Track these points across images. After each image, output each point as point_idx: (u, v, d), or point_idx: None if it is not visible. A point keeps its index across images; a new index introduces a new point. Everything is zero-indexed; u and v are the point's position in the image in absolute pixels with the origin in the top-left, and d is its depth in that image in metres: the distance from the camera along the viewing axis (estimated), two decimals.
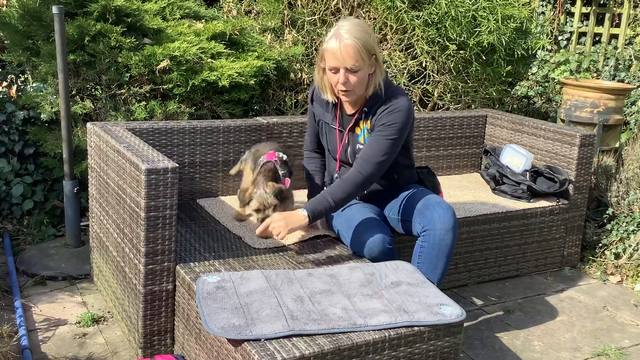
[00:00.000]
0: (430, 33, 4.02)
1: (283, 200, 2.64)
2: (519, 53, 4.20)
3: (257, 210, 2.63)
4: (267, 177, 2.68)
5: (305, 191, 3.00)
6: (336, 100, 2.61)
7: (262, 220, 2.53)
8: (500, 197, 3.62)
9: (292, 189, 2.79)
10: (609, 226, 3.87)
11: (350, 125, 2.60)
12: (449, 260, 2.58)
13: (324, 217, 2.52)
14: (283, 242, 2.67)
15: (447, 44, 4.02)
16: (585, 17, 6.36)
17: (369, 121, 2.57)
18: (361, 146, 2.58)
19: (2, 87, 3.94)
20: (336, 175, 2.71)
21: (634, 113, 5.46)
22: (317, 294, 2.20)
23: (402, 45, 4.21)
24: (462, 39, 3.98)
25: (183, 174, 3.22)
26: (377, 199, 2.77)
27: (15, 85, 3.98)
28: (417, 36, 4.09)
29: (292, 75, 4.13)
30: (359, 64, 2.39)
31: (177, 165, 2.41)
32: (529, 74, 6.03)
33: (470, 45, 4.01)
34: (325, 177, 2.88)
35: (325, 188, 2.76)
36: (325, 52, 2.44)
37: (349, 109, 2.63)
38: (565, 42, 6.42)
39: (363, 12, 4.24)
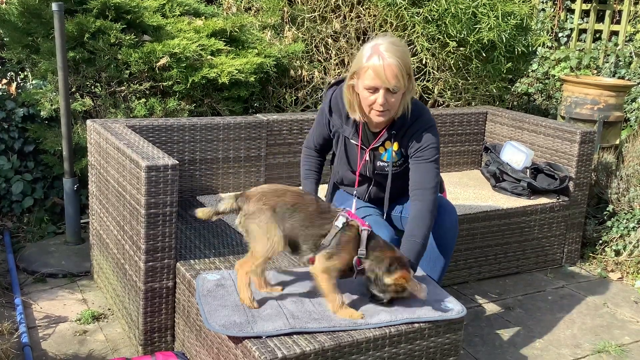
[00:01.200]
0: (430, 30, 4.01)
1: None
2: (519, 50, 4.19)
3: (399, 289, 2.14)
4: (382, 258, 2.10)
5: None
6: (363, 119, 2.47)
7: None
8: (500, 194, 3.62)
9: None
10: (609, 223, 3.87)
11: (375, 145, 2.51)
12: (449, 258, 2.58)
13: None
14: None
15: (447, 40, 4.01)
16: (585, 13, 6.35)
17: (397, 142, 2.50)
18: (383, 164, 2.53)
19: (2, 85, 3.93)
20: (355, 192, 2.63)
21: (634, 110, 5.46)
22: (317, 295, 2.19)
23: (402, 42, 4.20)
24: (462, 35, 3.97)
25: (183, 171, 3.21)
26: (383, 201, 2.75)
27: (15, 83, 3.97)
28: (417, 33, 4.08)
29: (292, 72, 4.13)
30: (400, 84, 2.29)
31: (177, 162, 2.41)
32: (529, 70, 6.03)
33: (471, 42, 4.00)
34: (334, 178, 2.81)
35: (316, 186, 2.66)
36: (365, 70, 2.28)
37: (373, 127, 2.52)
38: (565, 39, 6.41)
39: (363, 9, 4.23)
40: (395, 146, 2.51)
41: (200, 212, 2.14)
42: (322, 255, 2.06)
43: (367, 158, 2.54)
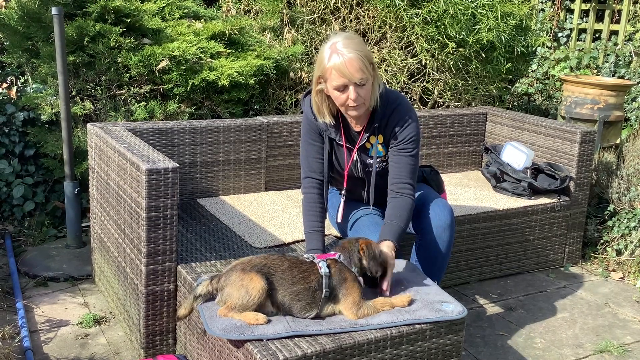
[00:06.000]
0: (429, 31, 4.01)
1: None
2: (519, 50, 4.19)
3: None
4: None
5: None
6: (334, 122, 2.50)
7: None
8: (501, 195, 3.62)
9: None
10: (610, 223, 3.87)
11: (360, 144, 2.52)
12: (447, 258, 2.58)
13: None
14: None
15: (447, 41, 4.02)
16: (584, 13, 6.35)
17: (381, 135, 2.52)
18: (371, 160, 2.54)
19: (2, 89, 3.94)
20: (343, 192, 2.64)
21: (634, 109, 5.46)
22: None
23: (402, 43, 4.20)
24: (462, 36, 3.97)
25: (184, 174, 3.22)
26: (383, 201, 2.75)
27: (15, 87, 3.98)
28: (417, 34, 4.08)
29: (291, 74, 4.13)
30: (365, 76, 2.30)
31: (178, 165, 2.41)
32: (529, 71, 6.03)
33: (470, 42, 4.00)
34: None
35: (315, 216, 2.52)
36: (329, 71, 2.30)
37: (354, 126, 2.54)
38: (565, 39, 6.41)
39: (362, 11, 4.24)
40: (380, 139, 2.52)
41: (182, 310, 2.19)
42: (347, 309, 2.07)
43: (355, 157, 2.54)
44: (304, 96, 2.59)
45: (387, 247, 2.27)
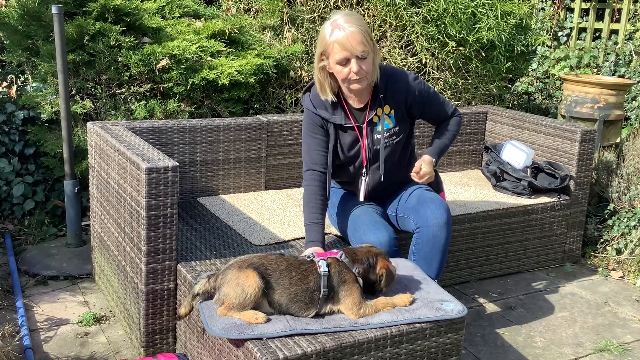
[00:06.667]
0: (429, 30, 4.01)
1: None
2: (519, 49, 4.19)
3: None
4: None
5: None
6: (335, 99, 2.53)
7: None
8: (501, 194, 3.62)
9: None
10: (610, 222, 3.87)
11: (368, 118, 2.55)
12: (445, 256, 2.58)
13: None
14: None
15: (447, 40, 4.02)
16: (585, 12, 6.35)
17: (387, 105, 2.57)
18: (379, 136, 2.57)
19: (2, 87, 3.94)
20: (363, 170, 2.63)
21: (634, 108, 5.46)
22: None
23: (402, 42, 4.20)
24: (462, 35, 3.97)
25: (184, 173, 3.22)
26: (381, 197, 2.76)
27: (15, 86, 3.97)
28: (417, 33, 4.08)
29: (292, 73, 4.13)
30: (367, 49, 2.36)
31: (178, 164, 2.41)
32: (529, 70, 6.03)
33: (470, 41, 4.00)
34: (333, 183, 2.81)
35: (318, 214, 2.50)
36: (331, 46, 2.36)
37: (355, 103, 2.57)
38: (565, 38, 6.41)
39: (362, 10, 4.24)
40: (387, 109, 2.57)
41: (182, 309, 2.19)
42: (348, 309, 2.07)
43: (366, 133, 2.56)
44: (303, 93, 2.62)
45: (426, 161, 2.61)
